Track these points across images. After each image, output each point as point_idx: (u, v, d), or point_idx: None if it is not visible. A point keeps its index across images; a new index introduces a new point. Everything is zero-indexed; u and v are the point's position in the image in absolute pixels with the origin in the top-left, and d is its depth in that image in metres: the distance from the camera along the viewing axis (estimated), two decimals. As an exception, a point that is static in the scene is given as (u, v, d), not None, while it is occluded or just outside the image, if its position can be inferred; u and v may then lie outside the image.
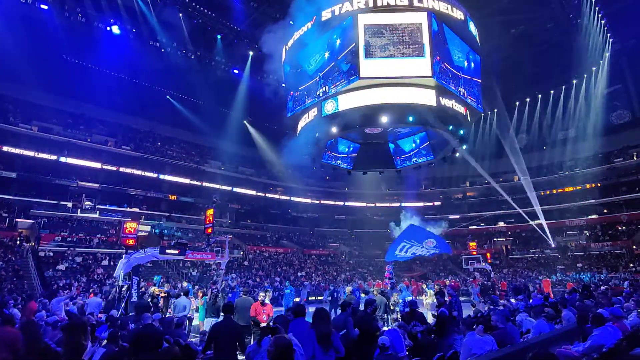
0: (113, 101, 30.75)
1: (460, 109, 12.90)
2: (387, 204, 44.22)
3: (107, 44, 26.43)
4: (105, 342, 4.16)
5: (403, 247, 16.41)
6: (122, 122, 34.21)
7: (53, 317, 5.97)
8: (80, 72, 29.54)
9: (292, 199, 40.82)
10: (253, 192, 38.38)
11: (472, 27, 13.84)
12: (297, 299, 17.48)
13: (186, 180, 34.26)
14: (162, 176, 33.04)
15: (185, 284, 13.81)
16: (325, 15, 12.49)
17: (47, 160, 27.22)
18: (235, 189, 36.89)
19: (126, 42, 26.69)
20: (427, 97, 12.19)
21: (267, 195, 39.74)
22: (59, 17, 23.95)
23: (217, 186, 35.67)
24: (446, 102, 12.31)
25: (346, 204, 44.16)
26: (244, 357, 4.27)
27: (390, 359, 3.90)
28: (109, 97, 29.86)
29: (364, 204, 44.62)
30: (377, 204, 44.41)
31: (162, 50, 27.58)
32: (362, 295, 13.34)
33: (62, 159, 27.87)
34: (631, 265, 28.18)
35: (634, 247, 30.45)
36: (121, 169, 30.61)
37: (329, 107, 12.87)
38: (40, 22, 24.07)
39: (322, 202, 42.61)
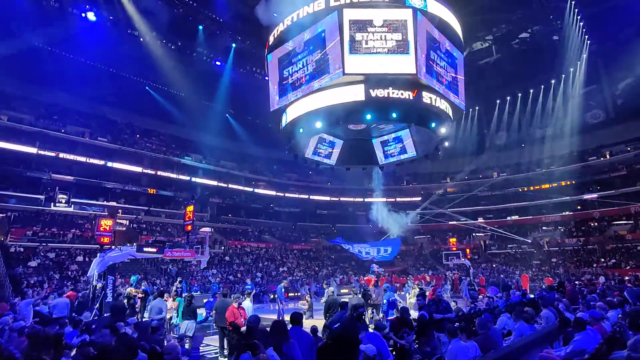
0: (89, 91, 29.64)
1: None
2: (370, 199, 44.42)
3: (82, 31, 25.39)
4: (73, 352, 3.94)
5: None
6: (99, 113, 33.05)
7: (19, 323, 5.64)
8: (54, 60, 28.31)
9: (274, 193, 40.49)
10: (234, 186, 37.84)
11: (456, 25, 13.86)
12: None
13: (166, 174, 33.48)
14: (140, 169, 32.16)
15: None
16: (310, 8, 12.26)
17: (18, 151, 26.05)
18: (216, 183, 36.29)
19: (103, 30, 25.74)
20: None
21: (249, 189, 39.24)
22: (30, 1, 22.87)
23: (197, 179, 35.03)
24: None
25: (328, 198, 44.13)
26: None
27: (374, 367, 3.82)
28: (84, 87, 28.74)
29: (346, 199, 44.74)
30: (359, 199, 44.61)
31: (141, 39, 26.72)
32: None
33: (35, 150, 26.71)
34: (602, 260, 29.22)
35: (605, 242, 31.58)
36: (97, 162, 29.60)
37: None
38: (11, 6, 22.92)
39: (305, 196, 42.45)
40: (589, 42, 29.15)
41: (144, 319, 8.77)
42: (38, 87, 29.45)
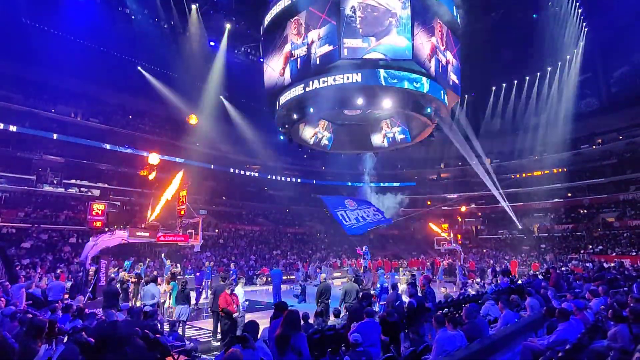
0: (80, 71, 28.85)
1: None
2: (363, 184, 44.57)
3: (71, 8, 24.70)
4: (66, 339, 3.97)
5: (343, 217, 15.02)
6: (90, 94, 32.33)
7: (9, 308, 5.65)
8: (43, 38, 27.40)
9: (269, 176, 40.44)
10: (229, 169, 37.70)
11: (454, 11, 13.70)
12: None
13: (160, 156, 33.12)
14: (133, 151, 31.82)
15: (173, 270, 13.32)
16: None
17: (8, 131, 25.60)
18: (210, 166, 36.09)
19: (93, 7, 25.04)
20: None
21: (243, 172, 39.12)
22: (17, -24, 22.09)
23: (191, 162, 34.75)
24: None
25: (323, 182, 44.20)
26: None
27: (362, 355, 3.91)
28: (75, 66, 27.94)
29: (340, 183, 44.86)
30: (353, 184, 44.76)
31: (133, 17, 26.04)
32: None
33: (25, 131, 26.26)
34: (590, 246, 29.81)
35: (593, 229, 32.17)
36: (89, 142, 29.22)
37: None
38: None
39: (299, 180, 42.48)
40: (586, 29, 28.95)
41: (137, 304, 8.82)
42: (27, 66, 28.64)
